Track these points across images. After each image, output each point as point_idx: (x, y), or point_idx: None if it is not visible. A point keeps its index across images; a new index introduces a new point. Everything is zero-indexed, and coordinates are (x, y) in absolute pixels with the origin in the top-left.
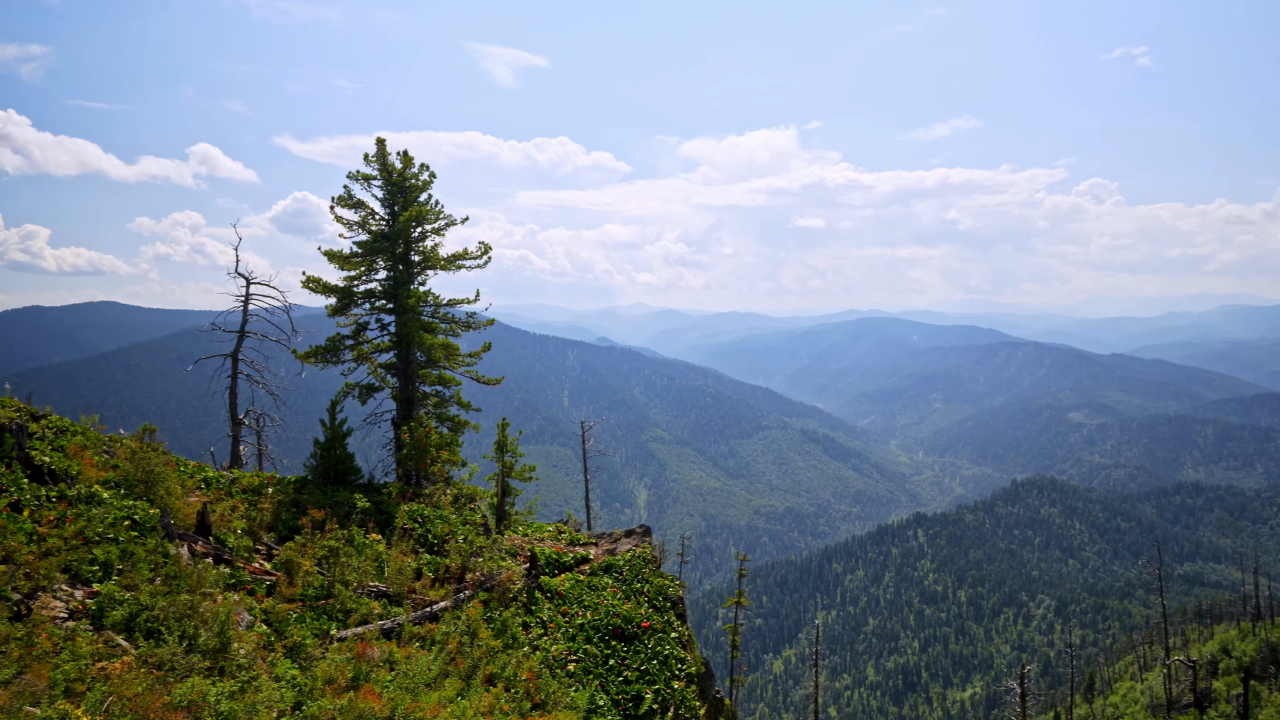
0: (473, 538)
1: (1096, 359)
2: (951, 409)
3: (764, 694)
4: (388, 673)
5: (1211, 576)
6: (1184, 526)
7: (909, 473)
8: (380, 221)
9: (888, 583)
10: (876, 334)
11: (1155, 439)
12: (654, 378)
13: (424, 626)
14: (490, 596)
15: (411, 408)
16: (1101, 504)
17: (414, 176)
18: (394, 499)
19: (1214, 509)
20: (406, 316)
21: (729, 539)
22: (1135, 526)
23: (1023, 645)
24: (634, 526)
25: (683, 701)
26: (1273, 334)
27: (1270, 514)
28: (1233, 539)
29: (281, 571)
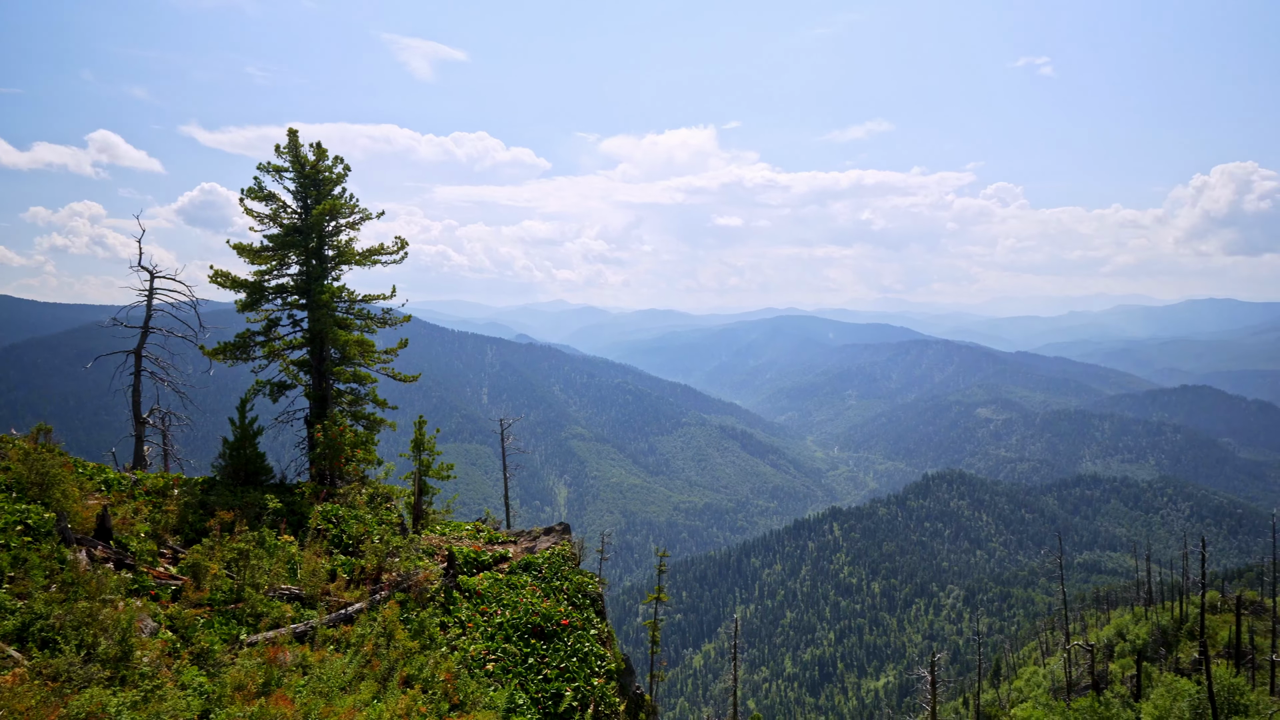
0: (389, 538)
1: (1003, 357)
2: (866, 405)
3: (684, 689)
4: (301, 677)
5: (1108, 564)
6: (1083, 517)
7: (825, 468)
8: (293, 215)
9: (804, 576)
10: (794, 332)
11: (1057, 433)
12: (574, 375)
13: (339, 629)
14: (407, 597)
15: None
16: (1007, 496)
17: (328, 169)
18: (307, 499)
19: (1110, 500)
20: (320, 312)
21: (649, 535)
22: (1038, 517)
23: (933, 634)
24: (553, 524)
25: (602, 698)
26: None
27: (1161, 504)
28: (1127, 528)
29: (188, 575)
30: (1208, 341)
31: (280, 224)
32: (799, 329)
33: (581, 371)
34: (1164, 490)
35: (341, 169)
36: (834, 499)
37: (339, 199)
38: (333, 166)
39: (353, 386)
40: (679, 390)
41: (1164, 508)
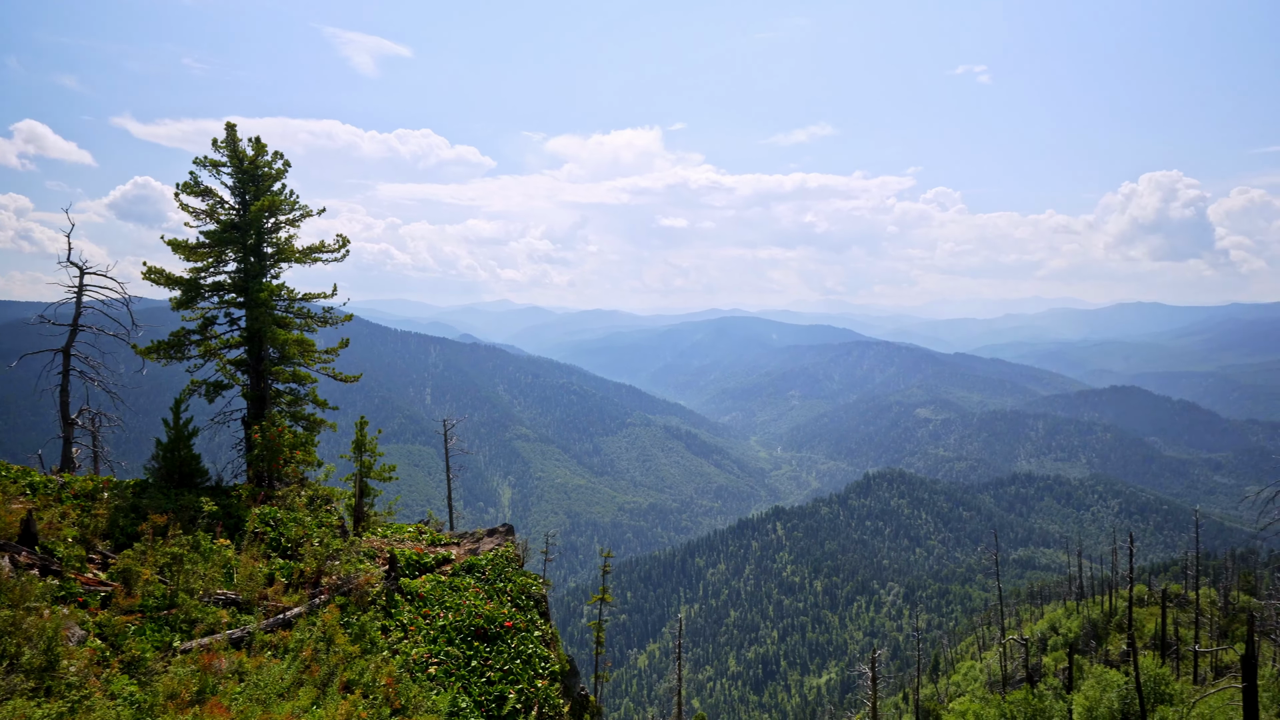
0: (329, 540)
1: (941, 358)
2: (809, 405)
3: (629, 689)
4: (237, 684)
5: (1042, 560)
6: (1018, 514)
7: (768, 468)
8: (230, 211)
9: (748, 575)
10: (737, 333)
11: (993, 433)
12: (518, 375)
13: (277, 634)
14: (348, 601)
15: (264, 406)
16: (945, 494)
17: (267, 165)
18: (244, 502)
19: (1044, 497)
20: (259, 311)
21: (593, 536)
22: (976, 515)
23: (874, 631)
24: (497, 525)
25: (546, 700)
26: (1094, 335)
27: (1092, 501)
28: (1060, 525)
29: (119, 581)
30: (1135, 344)
31: (217, 220)
32: (743, 330)
33: (526, 371)
34: (1095, 488)
35: (281, 164)
36: (777, 498)
37: (279, 195)
38: (272, 162)
39: (292, 386)
40: (624, 391)
41: (1095, 505)
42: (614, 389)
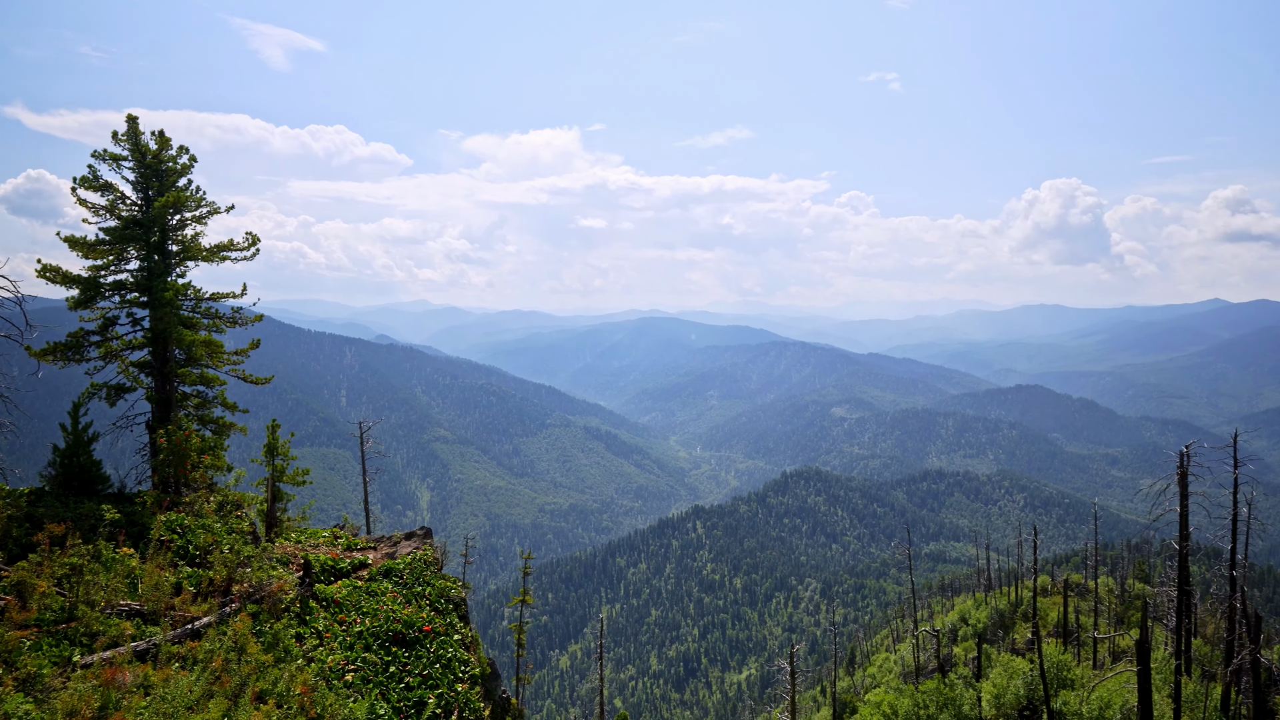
0: (239, 547)
1: (856, 358)
2: (727, 405)
3: (551, 690)
4: (142, 698)
5: (953, 554)
6: (930, 509)
7: (688, 467)
8: (132, 206)
9: (669, 574)
10: (657, 333)
11: (906, 431)
12: (436, 376)
13: (185, 645)
14: (260, 608)
15: (169, 409)
16: (860, 491)
17: (171, 159)
18: (150, 509)
19: (954, 493)
20: (163, 311)
21: (514, 538)
22: (889, 511)
23: (793, 626)
24: (415, 529)
25: (467, 704)
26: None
27: (999, 496)
28: (969, 519)
29: (12, 595)
30: (1039, 344)
31: (118, 216)
32: (662, 331)
33: (444, 373)
34: (1001, 483)
35: (187, 159)
36: (697, 497)
37: (184, 191)
38: (177, 156)
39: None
40: (543, 391)
41: (1001, 499)
42: (534, 390)
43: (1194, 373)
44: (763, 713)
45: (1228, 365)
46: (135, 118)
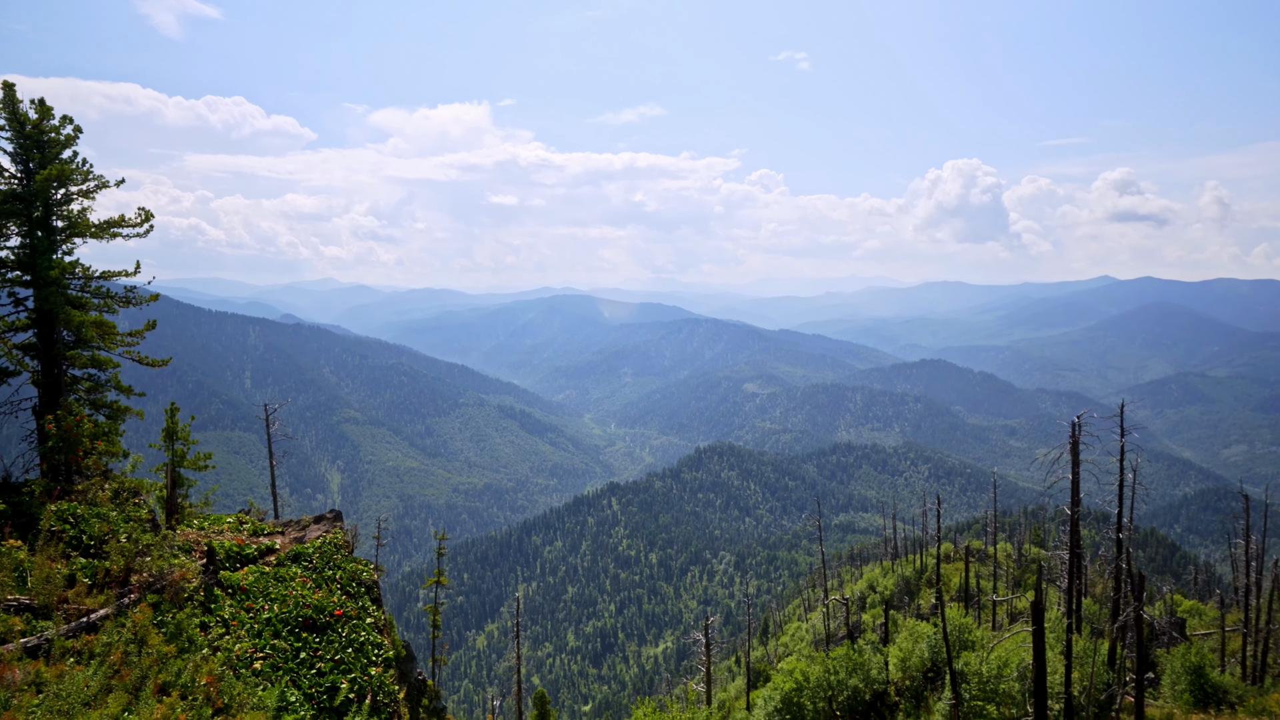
0: (138, 535)
1: (767, 334)
2: (641, 382)
3: (468, 670)
4: (34, 696)
5: (861, 524)
6: (839, 482)
7: (603, 444)
8: (11, 179)
9: (585, 551)
10: (570, 311)
11: (816, 405)
12: (345, 356)
13: (81, 639)
14: (161, 598)
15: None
16: (772, 465)
17: (54, 130)
18: (38, 498)
19: (862, 465)
20: (49, 290)
21: (428, 518)
22: (800, 484)
23: (708, 599)
24: (325, 512)
25: (381, 687)
26: (905, 312)
27: (905, 467)
28: (877, 490)
29: None
30: (942, 320)
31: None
32: (575, 308)
33: (353, 353)
34: (907, 455)
35: (72, 130)
36: (612, 474)
37: (69, 164)
38: (60, 127)
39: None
40: (456, 370)
41: (907, 470)
42: (446, 369)
43: (1085, 346)
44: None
45: (1116, 339)
46: (12, 85)
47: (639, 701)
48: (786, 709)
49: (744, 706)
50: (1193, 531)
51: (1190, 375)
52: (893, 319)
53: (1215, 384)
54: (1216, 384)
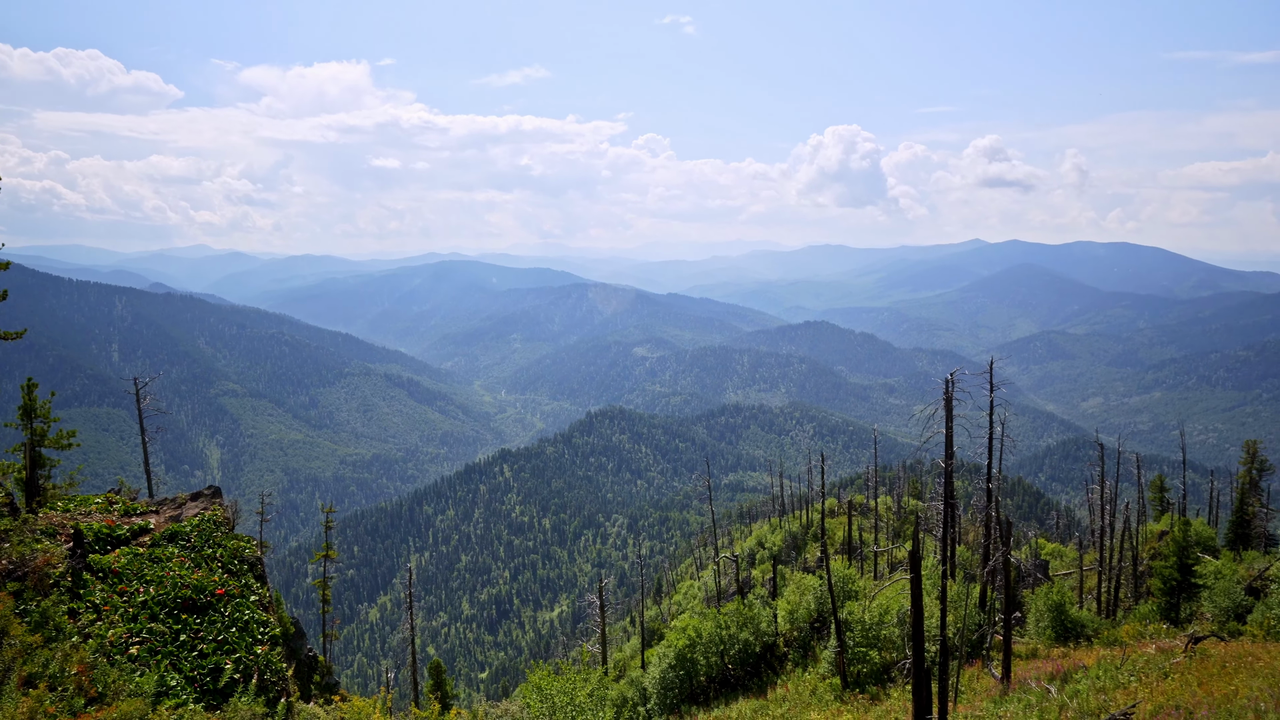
0: None
1: (656, 298)
2: (531, 348)
3: (361, 644)
4: None
5: (750, 483)
6: (728, 442)
7: (493, 411)
8: None
9: (478, 519)
10: (457, 277)
11: (704, 367)
12: (221, 326)
13: None
14: (23, 586)
15: None
16: (663, 428)
17: None
18: None
19: (750, 425)
20: None
21: (315, 492)
22: (690, 445)
23: (602, 562)
24: (203, 489)
25: (268, 666)
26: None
27: (791, 426)
28: (764, 449)
29: None
30: (825, 282)
31: None
32: (463, 274)
33: (230, 322)
34: (793, 414)
35: None
36: (503, 441)
37: None
38: None
39: None
40: (340, 339)
41: (793, 429)
42: (330, 338)
43: (959, 307)
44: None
45: (986, 299)
46: None
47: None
48: (680, 665)
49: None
50: (1055, 479)
51: (1053, 333)
52: (778, 282)
53: (1075, 341)
54: (1076, 341)
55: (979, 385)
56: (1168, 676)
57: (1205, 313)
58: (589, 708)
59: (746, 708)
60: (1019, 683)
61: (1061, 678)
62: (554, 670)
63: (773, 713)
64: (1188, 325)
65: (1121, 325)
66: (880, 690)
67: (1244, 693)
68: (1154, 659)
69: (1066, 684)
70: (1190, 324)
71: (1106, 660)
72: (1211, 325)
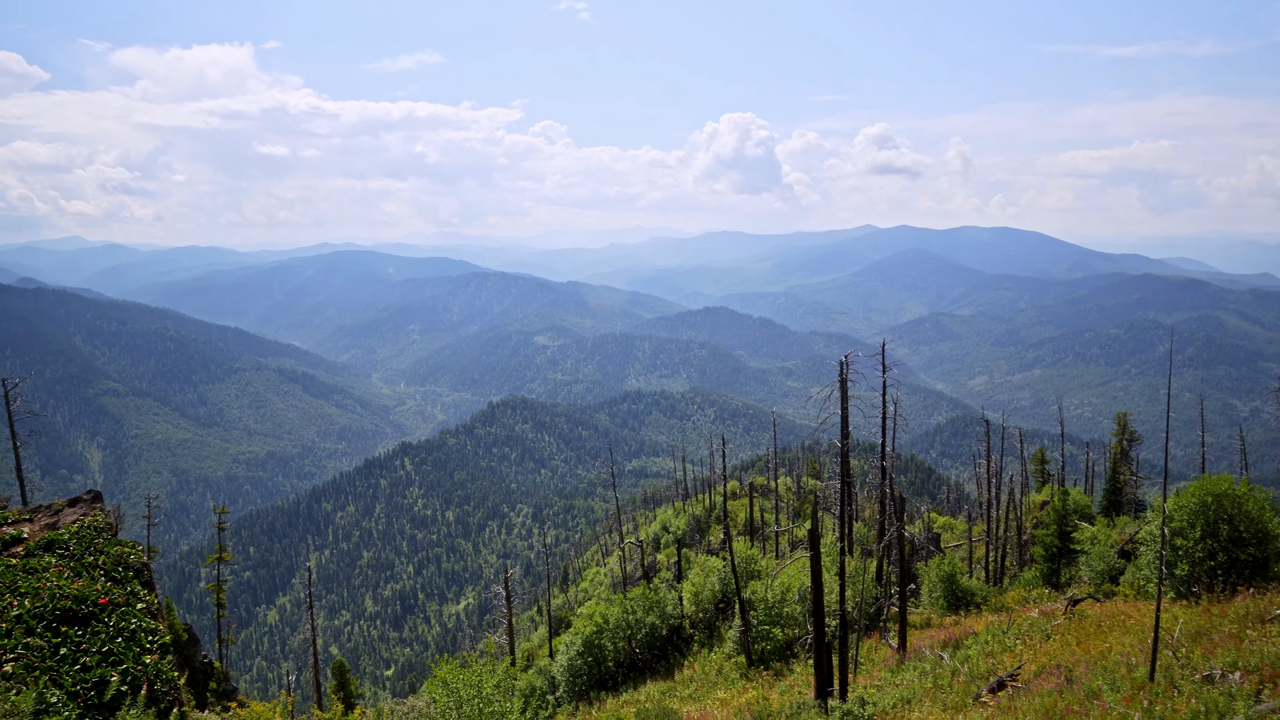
0: None
1: (556, 286)
2: (430, 339)
3: (261, 647)
4: None
5: (653, 468)
6: (631, 429)
7: (393, 404)
8: None
9: (379, 514)
10: (352, 267)
11: (605, 355)
12: (99, 322)
13: None
14: None
15: None
16: (566, 416)
17: None
18: None
19: (652, 411)
20: None
21: (206, 493)
22: (594, 433)
23: (507, 552)
24: (82, 493)
25: (158, 675)
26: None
27: (692, 411)
28: (667, 435)
29: None
30: (723, 269)
31: None
32: (357, 264)
33: (109, 318)
34: (694, 399)
35: None
36: (404, 434)
37: None
38: None
39: None
40: (230, 334)
41: (695, 414)
42: (218, 332)
43: (852, 291)
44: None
45: (878, 283)
46: None
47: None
48: (588, 651)
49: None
50: (946, 455)
51: (941, 315)
52: (676, 269)
53: (961, 322)
54: (962, 322)
55: (872, 367)
56: (1049, 638)
57: (1080, 293)
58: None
59: (654, 690)
60: (915, 651)
61: (954, 645)
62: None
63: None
64: (1064, 305)
65: (1004, 306)
66: (784, 666)
67: (1117, 649)
68: (1037, 622)
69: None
70: (1066, 304)
71: (994, 626)
72: (1085, 305)
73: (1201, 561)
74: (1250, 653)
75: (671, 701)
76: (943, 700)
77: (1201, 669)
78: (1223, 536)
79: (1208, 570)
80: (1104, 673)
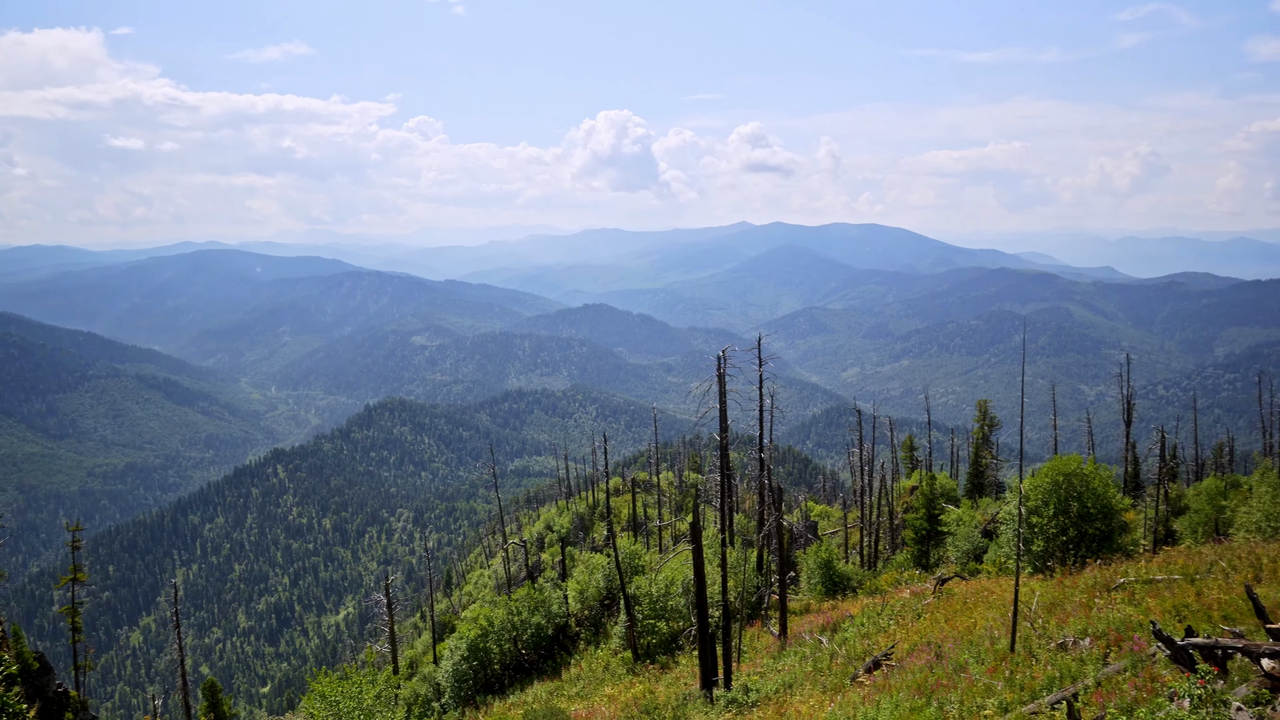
0: None
1: (433, 285)
2: (301, 341)
3: (123, 672)
4: None
5: (536, 467)
6: (512, 428)
7: (263, 409)
8: None
9: (251, 525)
10: (217, 267)
11: (485, 354)
12: None
13: None
14: None
15: None
16: (445, 418)
17: None
18: None
19: (534, 410)
20: None
21: (58, 509)
22: (475, 434)
23: (388, 559)
24: None
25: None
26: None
27: (574, 409)
28: (549, 433)
29: None
30: (601, 266)
31: None
32: (223, 264)
33: None
34: (575, 397)
35: None
36: (276, 440)
37: None
38: None
39: None
40: (81, 338)
41: (576, 412)
42: (69, 337)
43: (729, 286)
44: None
45: (754, 279)
46: None
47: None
48: (474, 655)
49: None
50: (822, 445)
51: (814, 309)
52: (556, 266)
53: (834, 316)
54: (834, 316)
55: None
56: (920, 617)
57: (942, 287)
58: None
59: (542, 690)
60: (795, 637)
61: (832, 628)
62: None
63: (567, 692)
64: (929, 299)
65: (873, 300)
66: (670, 659)
67: (981, 624)
68: (909, 602)
69: (836, 633)
70: (931, 298)
71: (869, 608)
72: (948, 299)
73: (1055, 537)
74: (1098, 619)
75: (559, 701)
76: (823, 683)
77: (1056, 637)
78: (1073, 513)
79: (1060, 545)
80: (970, 646)
